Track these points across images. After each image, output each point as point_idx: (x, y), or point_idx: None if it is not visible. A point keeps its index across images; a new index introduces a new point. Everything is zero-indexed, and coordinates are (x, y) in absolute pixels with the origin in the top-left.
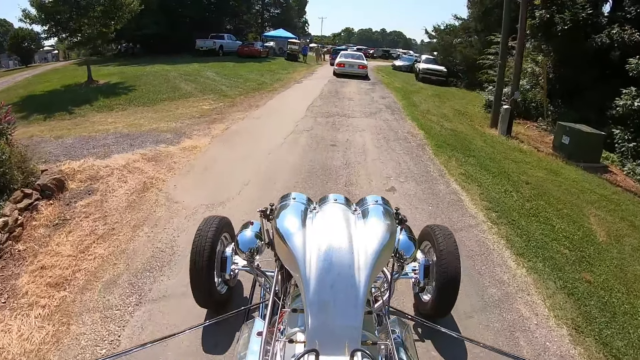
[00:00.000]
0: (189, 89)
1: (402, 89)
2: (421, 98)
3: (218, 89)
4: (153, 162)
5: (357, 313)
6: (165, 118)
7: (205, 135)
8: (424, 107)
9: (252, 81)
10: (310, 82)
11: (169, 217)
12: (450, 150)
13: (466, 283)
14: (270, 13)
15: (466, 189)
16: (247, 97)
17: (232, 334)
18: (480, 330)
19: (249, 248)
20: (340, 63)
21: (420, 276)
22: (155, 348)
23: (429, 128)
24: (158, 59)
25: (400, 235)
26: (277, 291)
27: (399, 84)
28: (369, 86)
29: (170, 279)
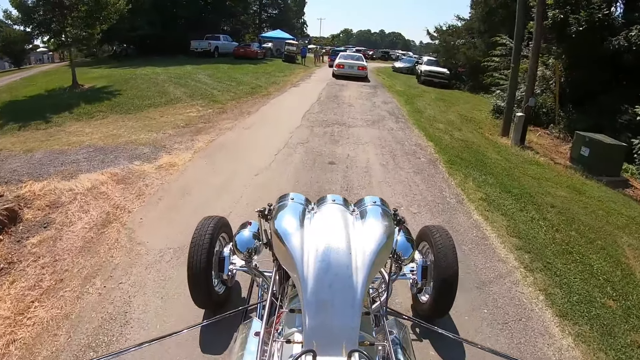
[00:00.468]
0: (177, 93)
1: (404, 92)
2: (425, 103)
3: (209, 93)
4: (122, 185)
5: (354, 314)
6: (146, 127)
7: (186, 150)
8: (429, 113)
9: (245, 84)
10: (308, 86)
11: (127, 265)
12: (464, 166)
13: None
14: (268, 14)
15: (490, 220)
16: (239, 102)
17: (230, 334)
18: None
19: (247, 248)
20: (340, 64)
21: (418, 277)
22: (152, 348)
23: (438, 139)
24: (151, 61)
25: (398, 236)
26: (275, 291)
27: (401, 87)
28: (369, 90)
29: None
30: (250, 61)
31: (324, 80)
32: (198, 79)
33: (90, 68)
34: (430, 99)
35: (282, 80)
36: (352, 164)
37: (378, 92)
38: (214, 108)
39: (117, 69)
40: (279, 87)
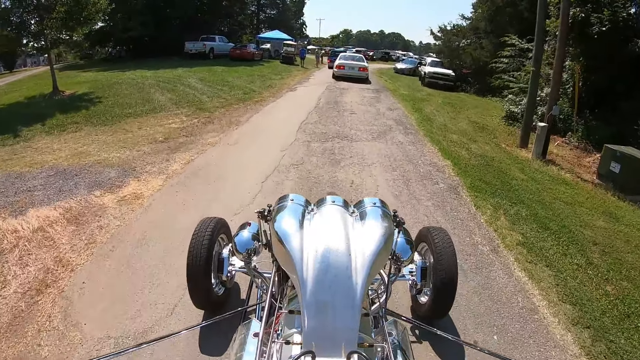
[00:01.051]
0: (162, 100)
1: (409, 96)
2: (433, 108)
3: (196, 99)
4: (74, 227)
5: (354, 315)
6: (120, 143)
7: (158, 174)
8: (439, 121)
9: (238, 89)
10: (306, 90)
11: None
12: (491, 194)
13: None
14: (266, 14)
15: (535, 277)
16: (229, 110)
17: (229, 335)
18: None
19: (246, 249)
20: (340, 65)
21: (418, 278)
22: (152, 348)
23: (455, 155)
24: (143, 63)
25: (398, 238)
26: (274, 292)
27: (405, 90)
28: (372, 94)
29: None
30: (247, 63)
31: (323, 84)
32: (188, 83)
33: (79, 72)
34: (437, 103)
35: (279, 84)
36: (357, 194)
37: (382, 97)
38: (200, 117)
39: (105, 73)
40: (275, 91)
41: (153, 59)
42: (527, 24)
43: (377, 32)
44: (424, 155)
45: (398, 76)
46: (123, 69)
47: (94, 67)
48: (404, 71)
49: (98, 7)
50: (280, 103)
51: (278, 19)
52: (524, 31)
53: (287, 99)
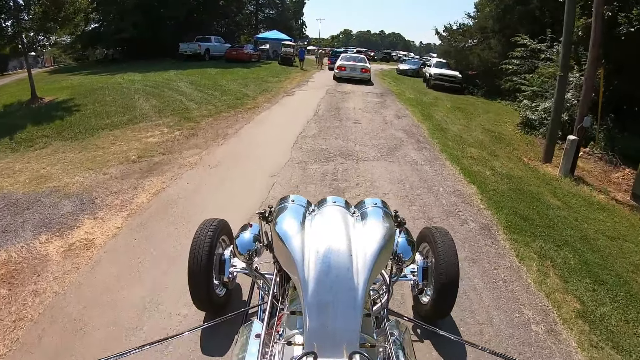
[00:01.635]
0: (145, 108)
1: (416, 101)
2: (443, 114)
3: (183, 107)
4: (6, 289)
5: (355, 315)
6: (87, 162)
7: (120, 209)
8: (453, 130)
9: (230, 94)
10: (304, 94)
11: None
12: (531, 234)
13: None
14: (265, 14)
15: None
16: (217, 119)
17: (231, 336)
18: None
19: (247, 250)
20: (341, 66)
21: (419, 278)
22: (153, 350)
23: (480, 178)
24: (136, 66)
25: (399, 238)
26: (276, 293)
27: (411, 92)
28: (377, 98)
29: None
30: (243, 64)
31: (322, 87)
32: (177, 88)
33: (69, 75)
34: (446, 108)
35: (275, 88)
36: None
37: (387, 102)
38: (184, 129)
39: (93, 76)
40: (270, 96)
41: (147, 60)
42: (539, 24)
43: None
44: (445, 179)
45: (401, 77)
46: (113, 72)
47: (86, 69)
48: (408, 72)
49: (77, 7)
50: (275, 110)
51: (277, 19)
52: (535, 31)
53: (283, 105)
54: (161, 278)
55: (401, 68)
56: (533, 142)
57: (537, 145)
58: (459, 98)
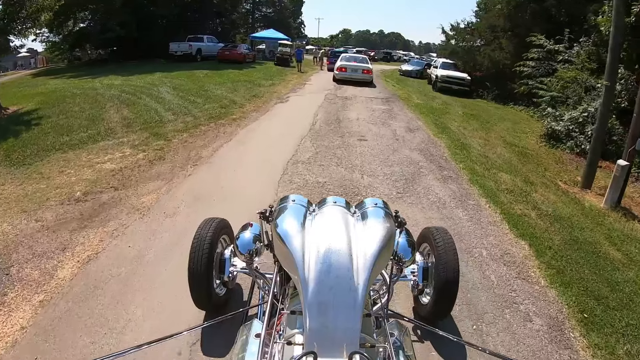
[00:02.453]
0: (114, 120)
1: (425, 107)
2: (458, 124)
3: (157, 119)
4: None
5: (355, 315)
6: (24, 200)
7: (34, 291)
8: (475, 147)
9: (216, 101)
10: (300, 101)
11: None
12: (612, 331)
13: None
14: (262, 12)
15: None
16: (193, 135)
17: (231, 335)
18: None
19: (248, 250)
20: (342, 67)
21: (419, 278)
22: (153, 349)
23: (528, 227)
24: (122, 68)
25: (400, 238)
26: (276, 293)
27: (418, 97)
28: (383, 105)
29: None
30: (236, 66)
31: (321, 91)
32: (156, 94)
33: (49, 78)
34: (459, 116)
35: (267, 92)
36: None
37: (394, 109)
38: (150, 149)
39: (74, 80)
40: (261, 103)
41: (137, 61)
42: (555, 23)
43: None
44: (486, 232)
45: (404, 79)
46: (96, 75)
47: (71, 71)
48: (411, 73)
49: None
50: (263, 123)
51: (275, 18)
52: (550, 30)
53: (274, 115)
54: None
55: (404, 69)
56: (562, 159)
57: (567, 163)
58: (468, 102)
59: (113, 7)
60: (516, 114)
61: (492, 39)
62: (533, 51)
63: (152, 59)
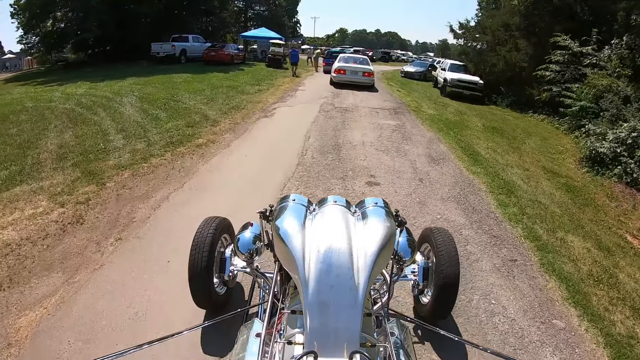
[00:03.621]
0: (48, 149)
1: (441, 119)
2: (485, 144)
3: (100, 146)
4: None
5: (356, 315)
6: None
7: None
8: (518, 182)
9: (184, 116)
10: (289, 115)
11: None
12: None
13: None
14: (255, 11)
15: None
16: (137, 175)
17: (231, 335)
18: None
19: (248, 249)
20: (340, 69)
21: (420, 278)
22: (153, 349)
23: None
24: (98, 72)
25: (400, 238)
26: (276, 292)
27: (429, 105)
28: (391, 119)
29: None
30: (223, 68)
31: (316, 100)
32: (116, 108)
33: (16, 85)
34: (480, 130)
35: (251, 102)
36: None
37: (407, 125)
38: (72, 202)
39: (37, 88)
40: (240, 118)
41: (119, 64)
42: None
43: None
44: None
45: (408, 82)
46: (64, 81)
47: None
48: (414, 75)
49: None
50: (235, 154)
51: (269, 17)
52: (573, 30)
53: (252, 139)
54: None
55: (406, 70)
56: (614, 193)
57: (621, 199)
58: (483, 111)
59: (91, 5)
60: (539, 126)
61: (506, 38)
62: (557, 53)
63: (136, 61)
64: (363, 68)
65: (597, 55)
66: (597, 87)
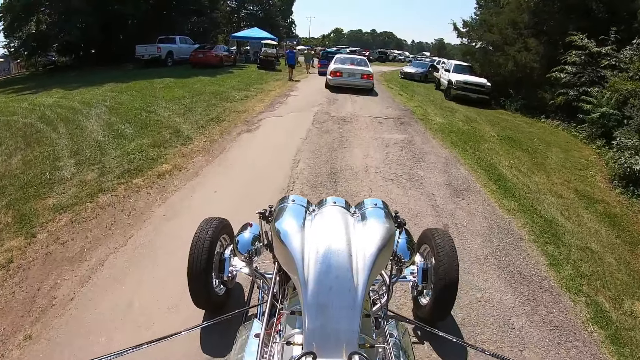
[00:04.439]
0: None
1: (452, 129)
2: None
3: (46, 176)
4: None
5: (355, 316)
6: None
7: None
8: (559, 220)
9: (153, 131)
10: (276, 128)
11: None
12: None
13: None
14: (248, 11)
15: None
16: (76, 221)
17: (230, 335)
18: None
19: (247, 250)
20: (336, 71)
21: (419, 279)
22: (152, 349)
23: None
24: (78, 78)
25: (399, 239)
26: (275, 293)
27: (434, 111)
28: (398, 132)
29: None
30: (211, 71)
31: (309, 108)
32: (80, 122)
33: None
34: (496, 141)
35: (234, 112)
36: None
37: (415, 139)
38: None
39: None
40: (217, 134)
41: (104, 68)
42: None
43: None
44: None
45: (408, 83)
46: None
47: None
48: (414, 76)
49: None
50: (202, 188)
51: (263, 17)
52: (588, 29)
53: (228, 165)
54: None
55: (406, 71)
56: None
57: None
58: (493, 116)
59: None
60: (555, 133)
61: (515, 37)
62: (572, 53)
63: (122, 64)
64: (361, 70)
65: (617, 56)
66: (620, 92)
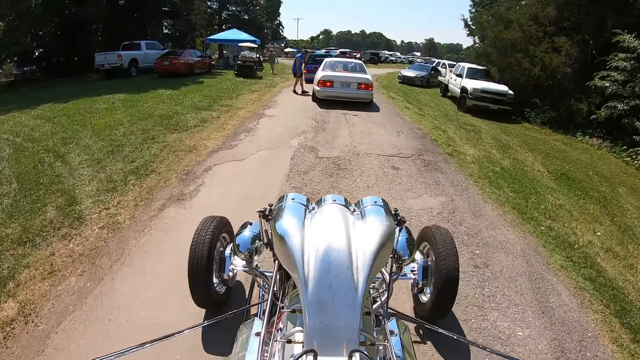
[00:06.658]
0: None
1: (493, 168)
2: (583, 226)
3: None
4: None
5: (355, 314)
6: None
7: None
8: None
9: (34, 210)
10: (231, 188)
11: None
12: None
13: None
14: (230, 12)
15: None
16: None
17: (231, 334)
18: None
19: (247, 248)
20: (326, 80)
21: (419, 277)
22: (154, 348)
23: None
24: (29, 94)
25: (399, 236)
26: (276, 291)
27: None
28: (431, 195)
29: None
30: (178, 81)
31: (285, 141)
32: None
33: None
34: (553, 185)
35: (176, 152)
36: None
37: (458, 205)
38: None
39: None
40: (132, 204)
41: (66, 79)
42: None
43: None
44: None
45: (409, 89)
46: None
47: None
48: (415, 81)
49: None
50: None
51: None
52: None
53: (113, 307)
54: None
55: (405, 75)
56: None
57: None
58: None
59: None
60: (603, 158)
61: (540, 35)
62: (620, 57)
63: (84, 75)
64: (358, 78)
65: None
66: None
